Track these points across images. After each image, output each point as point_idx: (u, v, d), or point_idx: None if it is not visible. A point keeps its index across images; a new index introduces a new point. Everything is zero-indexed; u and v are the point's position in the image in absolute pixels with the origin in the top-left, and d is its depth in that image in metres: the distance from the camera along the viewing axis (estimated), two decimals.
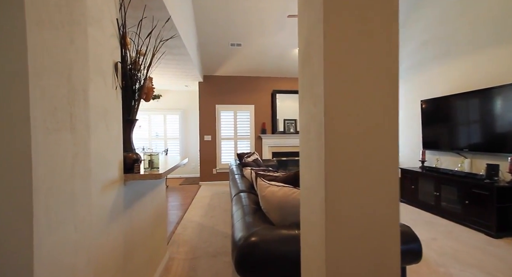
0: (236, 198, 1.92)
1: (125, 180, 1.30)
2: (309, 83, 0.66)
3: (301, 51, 0.72)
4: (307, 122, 0.69)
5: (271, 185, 1.52)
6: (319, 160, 0.59)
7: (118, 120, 1.25)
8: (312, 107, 0.64)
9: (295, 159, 5.90)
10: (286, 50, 4.95)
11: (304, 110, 0.71)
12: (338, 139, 0.56)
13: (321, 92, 0.58)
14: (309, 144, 0.67)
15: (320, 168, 0.59)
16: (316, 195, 0.63)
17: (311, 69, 0.64)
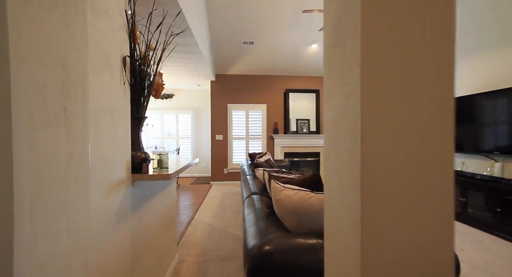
0: (248, 201, 1.83)
1: (133, 180, 1.24)
2: (339, 71, 0.56)
3: (328, 34, 0.62)
4: (335, 118, 0.58)
5: (286, 188, 1.42)
6: (353, 163, 0.49)
7: (126, 117, 1.18)
8: (343, 100, 0.53)
9: (307, 160, 5.75)
10: (300, 47, 4.81)
11: (332, 104, 0.61)
12: (378, 138, 0.46)
13: (356, 81, 0.48)
14: (338, 144, 0.57)
15: (354, 174, 0.48)
16: (347, 206, 0.52)
17: (342, 54, 0.54)
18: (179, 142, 6.69)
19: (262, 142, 5.69)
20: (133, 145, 1.30)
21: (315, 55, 5.03)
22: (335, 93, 0.59)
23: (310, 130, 5.60)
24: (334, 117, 0.59)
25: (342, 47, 0.54)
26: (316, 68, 5.42)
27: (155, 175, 1.25)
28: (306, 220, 1.27)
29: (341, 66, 0.55)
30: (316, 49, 4.88)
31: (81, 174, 0.59)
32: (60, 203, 0.51)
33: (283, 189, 1.42)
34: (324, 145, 0.69)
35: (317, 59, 5.15)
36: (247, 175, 2.93)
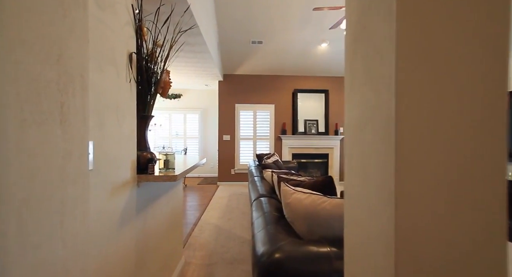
0: (256, 204, 1.77)
1: (139, 181, 1.20)
2: (366, 64, 0.49)
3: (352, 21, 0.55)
4: (360, 116, 0.51)
5: (296, 191, 1.35)
6: (384, 168, 0.42)
7: (131, 116, 1.14)
8: (372, 95, 0.47)
9: (315, 161, 5.65)
10: (310, 47, 4.73)
11: (355, 101, 0.54)
12: (416, 140, 0.39)
13: (389, 74, 0.41)
14: (363, 145, 0.50)
15: (386, 180, 0.41)
16: (375, 217, 0.46)
17: (370, 43, 0.47)
18: (186, 142, 6.69)
19: (269, 143, 5.62)
20: (139, 144, 1.26)
21: (324, 54, 4.93)
22: (359, 88, 0.52)
23: (319, 131, 5.50)
24: (359, 116, 0.52)
25: (370, 35, 0.48)
26: (326, 67, 5.32)
27: (161, 176, 1.20)
28: (318, 226, 1.20)
29: (369, 57, 0.48)
30: (326, 49, 4.78)
31: (79, 175, 0.54)
32: (55, 208, 0.46)
33: (293, 192, 1.35)
34: (345, 147, 0.62)
35: (327, 59, 5.05)
36: (254, 177, 2.87)
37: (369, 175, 0.48)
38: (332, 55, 4.93)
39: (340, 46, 4.69)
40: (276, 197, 1.93)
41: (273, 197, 1.93)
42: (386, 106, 0.42)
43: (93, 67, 0.87)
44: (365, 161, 0.49)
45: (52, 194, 0.46)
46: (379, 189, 0.44)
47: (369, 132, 0.48)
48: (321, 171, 5.74)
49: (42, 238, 0.44)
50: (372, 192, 0.47)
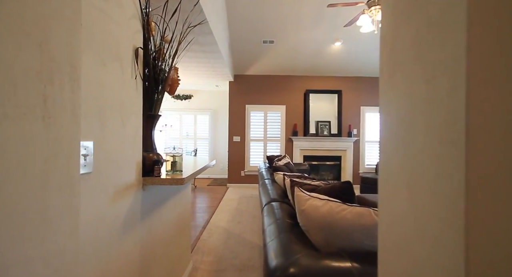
0: (267, 209, 1.67)
1: (144, 184, 1.13)
2: (416, 41, 0.39)
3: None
4: (406, 112, 0.41)
5: (312, 197, 1.25)
6: (447, 180, 0.32)
7: (137, 114, 1.08)
8: (423, 85, 0.36)
9: (327, 163, 5.48)
10: (323, 46, 4.59)
11: (399, 91, 0.44)
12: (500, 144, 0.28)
13: (453, 55, 0.31)
14: (410, 149, 0.40)
15: (450, 197, 0.31)
16: (429, 245, 0.35)
17: (422, 14, 0.37)
18: (196, 143, 6.68)
19: (280, 144, 5.51)
20: (145, 145, 1.19)
21: (338, 53, 4.78)
22: (404, 77, 0.42)
23: (331, 133, 5.34)
24: (404, 111, 0.42)
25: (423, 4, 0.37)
26: (339, 67, 5.16)
27: (167, 179, 1.13)
28: (336, 237, 1.09)
29: (419, 36, 0.38)
30: (340, 48, 4.63)
31: (67, 181, 0.46)
32: (33, 220, 0.39)
33: (309, 198, 1.25)
34: (381, 149, 0.52)
35: (340, 58, 4.89)
36: (265, 179, 2.77)
37: (419, 188, 0.37)
38: (345, 54, 4.77)
39: (354, 45, 4.53)
40: (288, 202, 1.83)
41: (285, 202, 1.82)
42: (450, 98, 0.32)
43: (95, 62, 0.81)
44: (415, 170, 0.39)
45: (29, 204, 0.38)
46: (438, 208, 0.34)
47: (420, 131, 0.37)
48: (333, 174, 5.56)
49: (16, 259, 0.36)
50: (424, 211, 0.36)
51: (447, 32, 0.32)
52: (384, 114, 0.50)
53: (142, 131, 1.14)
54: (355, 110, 5.41)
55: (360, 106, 5.40)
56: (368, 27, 2.90)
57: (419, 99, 0.38)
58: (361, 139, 5.41)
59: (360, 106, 5.40)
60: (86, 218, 0.76)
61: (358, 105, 5.40)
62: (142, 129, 1.13)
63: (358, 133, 5.41)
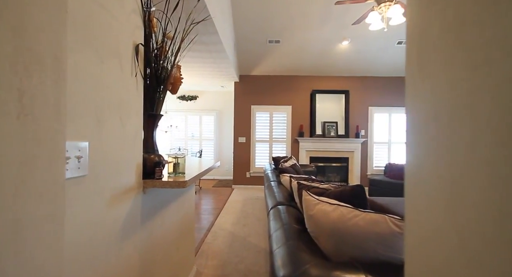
0: (274, 213, 1.61)
1: (144, 187, 1.08)
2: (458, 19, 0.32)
3: None
4: (444, 107, 0.34)
5: (321, 202, 1.18)
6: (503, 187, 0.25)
7: (137, 114, 1.03)
8: (470, 72, 0.30)
9: (334, 165, 5.37)
10: (330, 45, 4.50)
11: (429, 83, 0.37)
12: None
13: None
14: (451, 150, 0.33)
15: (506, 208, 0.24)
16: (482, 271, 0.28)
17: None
18: (202, 144, 6.66)
19: (286, 145, 5.43)
20: (146, 146, 1.15)
21: (345, 53, 4.68)
22: (439, 64, 0.35)
23: (338, 134, 5.23)
24: (440, 107, 0.35)
25: None
26: (347, 67, 5.06)
27: (168, 182, 1.08)
28: (348, 245, 1.02)
29: (460, 11, 0.31)
30: (347, 47, 4.53)
31: (49, 187, 0.41)
32: (3, 237, 0.33)
33: (318, 203, 1.18)
34: (408, 152, 0.45)
35: (348, 57, 4.79)
36: (271, 181, 2.70)
37: (463, 199, 0.31)
38: (353, 53, 4.67)
39: (362, 44, 4.42)
40: (295, 205, 1.76)
41: (292, 205, 1.75)
42: (508, 86, 0.25)
43: (92, 58, 0.76)
44: (455, 176, 0.32)
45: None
46: (489, 224, 0.27)
47: (464, 130, 0.30)
48: (340, 176, 5.45)
49: None
50: (471, 227, 0.29)
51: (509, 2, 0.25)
52: (412, 111, 0.43)
53: (142, 131, 1.09)
54: (363, 110, 5.29)
55: (368, 107, 5.28)
56: (378, 24, 2.80)
57: (463, 89, 0.31)
58: (369, 140, 5.29)
59: (368, 107, 5.28)
60: (81, 224, 0.71)
61: (366, 105, 5.29)
62: (142, 130, 1.08)
63: (366, 134, 5.29)
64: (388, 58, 4.73)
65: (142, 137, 1.08)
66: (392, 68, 5.02)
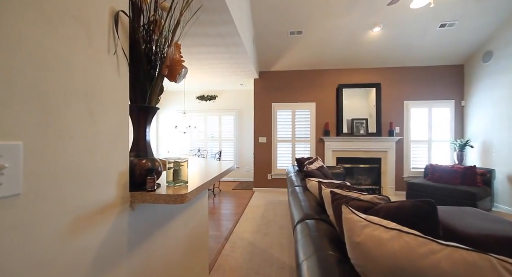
0: (301, 230, 1.29)
1: (132, 201, 0.83)
2: None
3: None
4: None
5: (371, 223, 0.84)
6: None
7: (119, 106, 0.78)
8: None
9: (363, 166, 4.86)
10: (358, 33, 4.05)
11: None
12: None
13: None
14: None
15: None
16: None
17: None
18: (221, 144, 6.48)
19: (310, 145, 5.04)
20: (137, 148, 0.89)
21: (376, 41, 4.18)
22: None
23: (369, 132, 4.73)
24: None
25: None
26: (378, 57, 4.54)
27: (162, 195, 0.81)
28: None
29: None
30: (379, 34, 4.04)
31: None
32: None
33: (366, 225, 0.85)
34: None
35: (380, 46, 4.29)
36: (295, 186, 2.37)
37: None
38: (386, 41, 4.16)
39: (397, 29, 3.91)
40: (327, 220, 1.42)
41: (323, 219, 1.42)
42: None
43: (35, 21, 0.51)
44: None
45: None
46: None
47: None
48: (371, 179, 4.94)
49: None
50: None
51: None
52: None
53: (129, 129, 0.83)
54: (397, 105, 4.73)
55: (404, 101, 4.71)
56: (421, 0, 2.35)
57: None
58: (405, 139, 4.71)
59: (404, 101, 4.71)
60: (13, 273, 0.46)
61: (401, 99, 4.72)
62: (128, 127, 0.83)
63: (402, 132, 4.72)
64: (428, 44, 4.15)
65: (128, 137, 0.82)
66: (432, 56, 4.41)
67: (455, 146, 4.43)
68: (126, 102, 0.81)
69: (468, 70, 4.45)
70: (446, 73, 4.59)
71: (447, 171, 3.82)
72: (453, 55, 4.36)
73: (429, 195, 3.80)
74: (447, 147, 4.61)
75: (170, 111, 6.64)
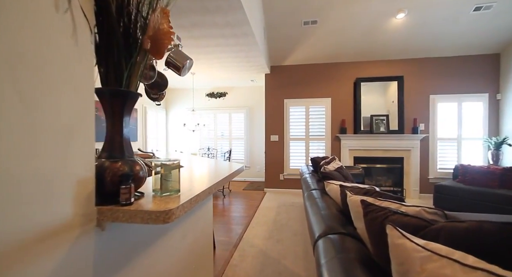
0: (325, 248, 1.03)
1: (101, 219, 0.61)
2: None
3: None
4: None
5: (437, 255, 0.58)
6: None
7: (76, 88, 0.56)
8: None
9: (383, 166, 4.50)
10: (379, 21, 3.69)
11: None
12: None
13: None
14: None
15: None
16: None
17: None
18: (232, 143, 6.28)
19: (325, 144, 4.73)
20: (110, 148, 0.67)
21: (400, 29, 3.81)
22: None
23: (390, 129, 4.36)
24: None
25: None
26: (401, 47, 4.16)
27: (139, 212, 0.59)
28: None
29: None
30: (403, 21, 3.67)
31: None
32: None
33: (427, 257, 0.60)
34: None
35: (403, 35, 3.91)
36: (312, 190, 2.11)
37: None
38: (411, 29, 3.78)
39: (425, 14, 3.52)
40: (354, 233, 1.16)
41: (350, 234, 1.16)
42: None
43: None
44: None
45: None
46: None
47: None
48: (392, 180, 4.57)
49: None
50: None
51: None
52: None
53: (93, 122, 0.61)
54: (422, 100, 4.33)
55: (429, 95, 4.30)
56: None
57: None
58: (431, 136, 4.31)
59: (429, 95, 4.30)
60: None
61: (427, 93, 4.31)
62: (94, 118, 0.61)
63: (427, 129, 4.32)
64: (460, 31, 3.73)
65: (93, 132, 0.60)
66: (464, 45, 3.97)
67: (489, 144, 3.98)
68: (90, 84, 0.59)
69: (506, 59, 3.98)
70: (479, 63, 4.13)
71: (482, 172, 3.41)
72: (489, 43, 3.91)
73: (461, 199, 3.41)
74: (479, 145, 4.17)
75: (180, 109, 6.51)
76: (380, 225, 0.88)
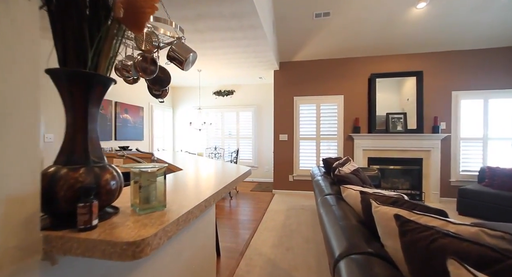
0: (349, 273, 0.84)
1: (48, 250, 0.43)
2: None
3: None
4: None
5: None
6: None
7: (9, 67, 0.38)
8: None
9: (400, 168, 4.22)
10: (397, 12, 3.43)
11: None
12: None
13: None
14: None
15: None
16: None
17: None
18: (239, 142, 6.11)
19: (337, 144, 4.49)
20: (70, 150, 0.50)
21: (420, 20, 3.53)
22: None
23: (408, 128, 4.08)
24: None
25: None
26: (420, 40, 3.87)
27: (99, 242, 0.41)
28: None
29: None
30: (423, 12, 3.39)
31: None
32: None
33: None
34: None
35: (423, 27, 3.62)
36: (326, 196, 1.91)
37: None
38: (432, 20, 3.49)
39: (448, 3, 3.23)
40: (381, 252, 0.96)
41: (377, 255, 0.96)
42: None
43: None
44: None
45: None
46: None
47: None
48: (409, 182, 4.29)
49: None
50: None
51: None
52: None
53: (38, 116, 0.44)
54: (444, 96, 4.03)
55: (451, 91, 3.99)
56: None
57: None
58: (454, 136, 4.00)
59: (451, 91, 3.99)
60: None
61: (449, 90, 4.00)
62: (40, 110, 0.44)
63: (449, 128, 4.01)
64: (487, 21, 3.41)
65: (38, 130, 0.43)
66: (491, 36, 3.65)
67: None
68: (32, 59, 0.42)
69: None
70: (508, 56, 3.79)
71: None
72: None
73: (488, 204, 3.12)
74: (508, 146, 3.83)
75: (187, 108, 6.39)
76: (425, 251, 0.68)
